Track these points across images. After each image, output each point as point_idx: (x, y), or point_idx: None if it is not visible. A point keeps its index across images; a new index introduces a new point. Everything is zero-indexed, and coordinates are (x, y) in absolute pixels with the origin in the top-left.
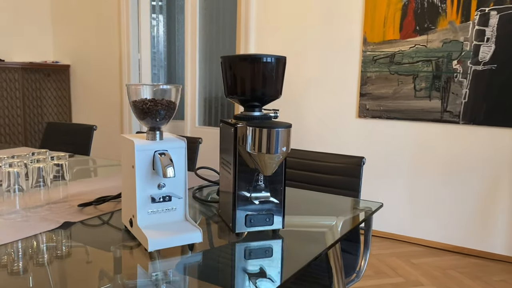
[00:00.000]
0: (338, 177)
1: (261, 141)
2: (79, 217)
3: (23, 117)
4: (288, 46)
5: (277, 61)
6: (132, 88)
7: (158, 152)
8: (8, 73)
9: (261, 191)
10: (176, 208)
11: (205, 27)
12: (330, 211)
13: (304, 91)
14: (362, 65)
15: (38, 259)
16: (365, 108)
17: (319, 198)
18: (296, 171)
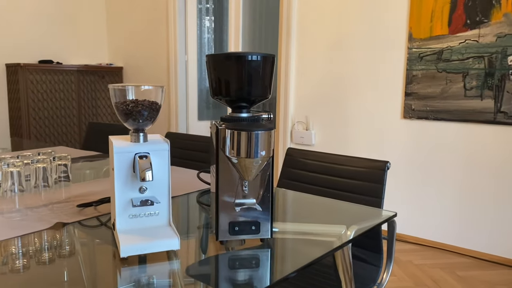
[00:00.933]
0: (360, 182)
1: (240, 145)
2: (75, 217)
3: (78, 117)
4: (330, 45)
5: (264, 59)
6: (114, 90)
7: (139, 155)
8: (65, 75)
9: (246, 197)
10: (159, 213)
11: (249, 27)
12: (342, 219)
13: (345, 90)
14: (408, 63)
15: (13, 260)
16: (410, 108)
17: (333, 205)
18: (316, 174)
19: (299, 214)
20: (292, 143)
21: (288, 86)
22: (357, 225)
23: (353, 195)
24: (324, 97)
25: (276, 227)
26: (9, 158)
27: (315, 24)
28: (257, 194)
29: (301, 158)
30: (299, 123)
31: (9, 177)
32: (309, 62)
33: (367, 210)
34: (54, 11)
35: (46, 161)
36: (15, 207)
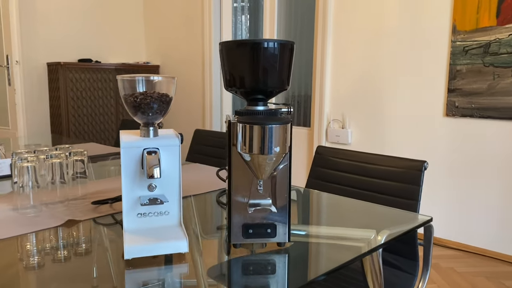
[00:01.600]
0: (394, 183)
1: (252, 140)
2: (89, 215)
3: (116, 115)
4: (368, 39)
5: (282, 46)
6: (123, 81)
7: (147, 150)
8: (103, 73)
9: (261, 197)
10: (169, 212)
11: (284, 24)
12: (372, 223)
13: (384, 87)
14: (451, 57)
15: (17, 259)
16: (454, 105)
17: (363, 207)
18: (346, 174)
19: (326, 217)
20: (328, 142)
21: (324, 82)
22: (388, 229)
23: (386, 197)
24: (361, 94)
25: (299, 230)
26: (24, 153)
27: (352, 18)
28: (274, 194)
29: (331, 156)
30: (334, 121)
31: (24, 172)
32: (345, 58)
33: (400, 214)
34: (93, 11)
35: (61, 157)
36: (30, 203)
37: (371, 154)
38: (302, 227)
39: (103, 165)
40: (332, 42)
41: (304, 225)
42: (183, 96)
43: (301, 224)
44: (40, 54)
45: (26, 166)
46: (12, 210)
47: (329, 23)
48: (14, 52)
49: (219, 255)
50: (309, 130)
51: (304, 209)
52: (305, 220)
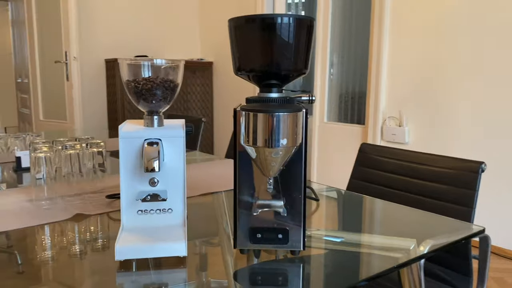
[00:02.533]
0: (445, 186)
1: (256, 130)
2: (101, 209)
3: (169, 110)
4: (428, 30)
5: (299, 23)
6: (127, 66)
7: (148, 141)
8: None
9: (271, 198)
10: (172, 210)
11: (339, 19)
12: (413, 231)
13: (447, 82)
14: None
15: (15, 252)
16: None
17: (407, 214)
18: (392, 175)
19: (361, 223)
20: (383, 141)
21: (380, 77)
22: (432, 239)
23: (436, 201)
24: (421, 90)
25: (327, 236)
26: (41, 143)
27: (411, 7)
28: (286, 194)
29: (376, 155)
30: (391, 118)
31: (41, 163)
32: (403, 51)
33: (446, 222)
34: (149, 7)
35: (78, 148)
36: (45, 195)
37: (420, 153)
38: (330, 233)
39: None
40: (389, 35)
41: (333, 231)
42: (235, 94)
43: (330, 230)
44: (98, 50)
45: (41, 157)
46: (27, 201)
47: (386, 15)
48: (72, 48)
49: (225, 262)
50: (363, 128)
51: (338, 213)
52: (336, 226)
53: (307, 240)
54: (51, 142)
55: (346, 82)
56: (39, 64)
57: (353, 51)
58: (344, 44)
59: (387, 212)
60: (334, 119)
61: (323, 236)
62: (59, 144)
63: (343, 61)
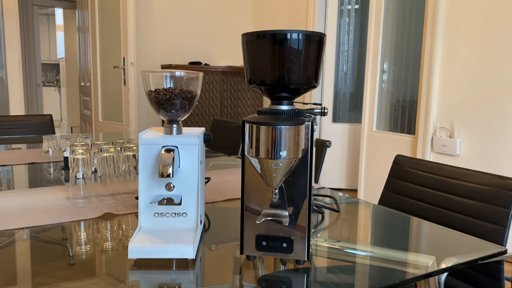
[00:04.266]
0: (479, 203)
1: (259, 142)
2: (128, 209)
3: (220, 116)
4: (483, 40)
5: (307, 38)
6: (147, 76)
7: (165, 148)
8: (210, 76)
9: (277, 207)
10: (186, 214)
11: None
12: (435, 249)
13: (502, 94)
14: None
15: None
16: None
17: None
18: (426, 189)
19: (380, 237)
20: (433, 152)
21: (431, 86)
22: (454, 257)
23: (468, 218)
24: (474, 101)
25: (343, 247)
26: (79, 146)
27: (466, 13)
28: (292, 204)
29: (410, 168)
30: (442, 129)
31: (79, 163)
32: (457, 59)
33: (471, 241)
34: (204, 14)
35: (112, 151)
36: (81, 194)
37: (455, 168)
38: (342, 244)
39: None
40: (442, 42)
41: (347, 242)
42: None
43: (346, 242)
44: (154, 56)
45: (78, 158)
46: (65, 199)
47: (439, 21)
48: (129, 54)
49: (234, 266)
50: (413, 138)
51: (355, 226)
52: (351, 237)
53: (319, 250)
54: (89, 145)
55: (397, 90)
56: (100, 68)
57: (405, 59)
58: (396, 52)
59: (409, 227)
60: (384, 128)
61: (334, 247)
62: (96, 147)
63: (395, 68)
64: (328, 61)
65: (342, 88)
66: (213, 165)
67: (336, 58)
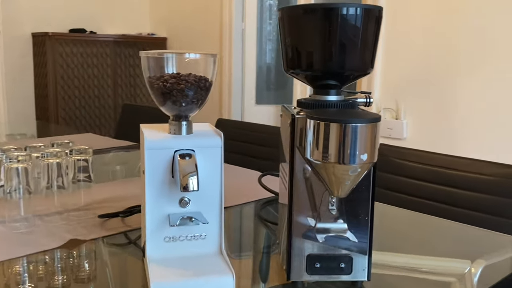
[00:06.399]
0: (484, 196)
1: (328, 144)
2: (95, 232)
3: (114, 98)
4: (433, 6)
5: (366, 13)
6: (148, 59)
7: (179, 153)
8: (99, 47)
9: (333, 220)
10: (206, 236)
11: None
12: (463, 250)
13: (453, 68)
14: None
15: None
16: None
17: (445, 228)
18: (417, 181)
19: (396, 240)
20: None
21: None
22: (483, 259)
23: (472, 213)
24: (422, 77)
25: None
26: (14, 150)
27: None
28: (350, 216)
29: (395, 158)
30: (386, 110)
31: (13, 175)
32: (403, 30)
33: (495, 237)
34: None
35: (60, 155)
36: (20, 214)
37: (451, 157)
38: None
39: (105, 164)
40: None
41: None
42: None
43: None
44: (23, 22)
45: (15, 168)
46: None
47: None
48: None
49: None
50: None
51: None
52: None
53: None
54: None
55: None
56: None
57: None
58: None
59: (419, 224)
60: None
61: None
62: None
63: None
64: (249, 27)
65: (265, 62)
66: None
67: (259, 24)
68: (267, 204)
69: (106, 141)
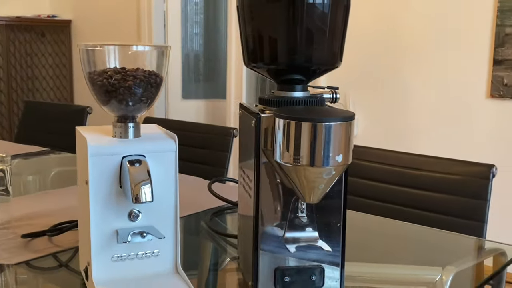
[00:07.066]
0: (449, 196)
1: (299, 145)
2: (20, 255)
3: (8, 94)
4: None
5: (334, 2)
6: (87, 51)
7: (128, 159)
8: None
9: (304, 229)
10: (159, 253)
11: None
12: (432, 257)
13: (402, 57)
14: (498, 16)
15: None
16: (502, 83)
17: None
18: (377, 183)
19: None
20: None
21: None
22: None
23: (437, 216)
24: (370, 67)
25: None
26: None
27: None
28: (321, 223)
29: (358, 159)
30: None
31: None
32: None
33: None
34: None
35: None
36: None
37: (412, 155)
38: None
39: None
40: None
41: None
42: None
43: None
44: None
45: None
46: None
47: None
48: None
49: None
50: None
51: None
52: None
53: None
54: None
55: None
56: None
57: None
58: None
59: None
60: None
61: None
62: None
63: None
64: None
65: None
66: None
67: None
68: (216, 215)
69: (7, 146)
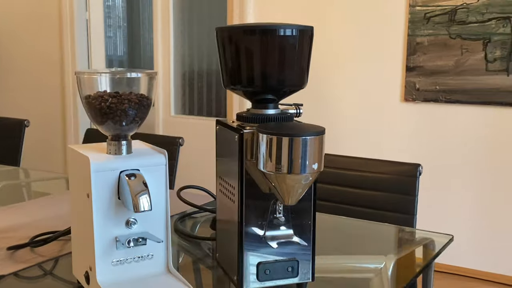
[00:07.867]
0: (382, 193)
1: (281, 155)
2: (7, 266)
3: None
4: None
5: (301, 34)
6: (85, 78)
7: (125, 173)
8: None
9: (280, 228)
10: (153, 256)
11: None
12: (374, 247)
13: (325, 69)
14: (410, 26)
15: None
16: (414, 87)
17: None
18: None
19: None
20: None
21: None
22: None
23: (374, 211)
24: None
25: None
26: None
27: None
28: (296, 222)
29: None
30: None
31: None
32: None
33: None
34: None
35: None
36: None
37: (347, 157)
38: None
39: None
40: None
41: None
42: (29, 78)
43: None
44: None
45: None
46: None
47: None
48: None
49: None
50: None
51: None
52: None
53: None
54: None
55: (198, 61)
56: None
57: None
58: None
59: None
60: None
61: None
62: None
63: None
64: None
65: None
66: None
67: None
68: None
69: None
